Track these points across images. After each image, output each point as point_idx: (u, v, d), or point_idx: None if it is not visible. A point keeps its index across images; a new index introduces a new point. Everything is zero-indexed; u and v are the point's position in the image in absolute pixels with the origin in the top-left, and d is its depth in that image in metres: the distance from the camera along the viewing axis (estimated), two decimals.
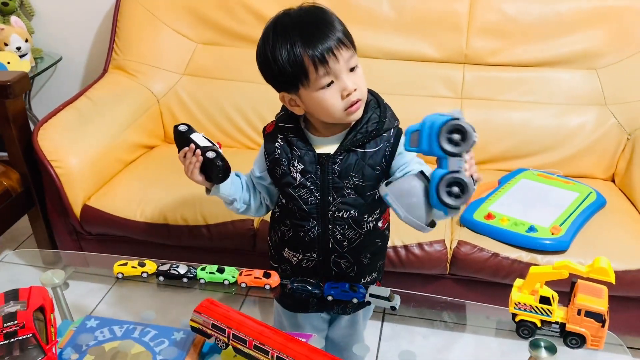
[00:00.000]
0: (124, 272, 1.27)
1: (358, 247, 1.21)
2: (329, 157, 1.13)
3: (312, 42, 1.02)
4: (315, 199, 1.16)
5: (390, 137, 1.14)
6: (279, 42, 1.05)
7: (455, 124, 0.91)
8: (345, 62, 1.05)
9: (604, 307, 1.00)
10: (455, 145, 0.92)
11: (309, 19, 1.06)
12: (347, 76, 1.05)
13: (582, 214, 1.68)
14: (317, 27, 1.04)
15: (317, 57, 1.02)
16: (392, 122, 1.15)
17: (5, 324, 0.98)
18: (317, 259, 1.23)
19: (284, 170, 1.16)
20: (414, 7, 2.06)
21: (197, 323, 1.04)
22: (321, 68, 1.03)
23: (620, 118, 1.95)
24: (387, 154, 1.14)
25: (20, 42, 2.34)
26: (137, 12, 2.21)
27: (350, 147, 1.13)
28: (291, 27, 1.05)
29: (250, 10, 2.14)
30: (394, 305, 1.18)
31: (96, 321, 1.12)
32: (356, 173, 1.14)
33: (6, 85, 1.78)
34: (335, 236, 1.20)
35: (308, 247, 1.22)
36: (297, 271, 1.26)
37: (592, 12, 1.98)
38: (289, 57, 1.04)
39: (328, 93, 1.05)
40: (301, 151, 1.14)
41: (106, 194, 1.88)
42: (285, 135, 1.16)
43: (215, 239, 1.76)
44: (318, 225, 1.19)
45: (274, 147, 1.17)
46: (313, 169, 1.14)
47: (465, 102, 2.05)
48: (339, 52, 1.03)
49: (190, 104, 2.18)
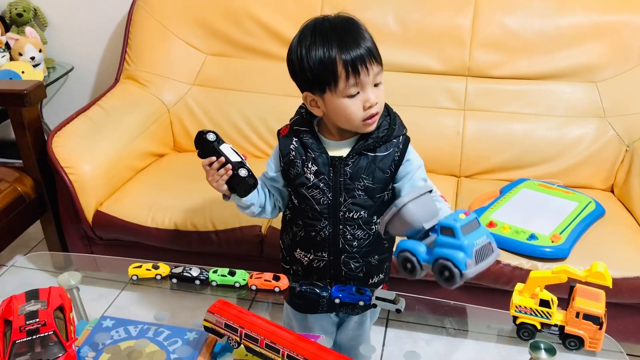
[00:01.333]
0: (138, 274, 1.31)
1: (367, 247, 1.26)
2: (341, 160, 1.19)
3: (349, 51, 1.08)
4: (327, 199, 1.21)
5: (400, 144, 1.19)
6: (317, 42, 1.09)
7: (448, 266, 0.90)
8: (374, 76, 1.11)
9: (601, 310, 1.04)
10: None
11: (348, 28, 1.11)
12: (372, 90, 1.11)
13: (582, 222, 1.72)
14: (354, 38, 1.09)
15: (351, 66, 1.08)
16: (400, 130, 1.21)
17: (27, 321, 1.02)
18: (327, 259, 1.27)
19: (298, 171, 1.21)
20: (418, 22, 2.11)
21: (210, 323, 1.09)
22: (352, 78, 1.09)
23: (619, 130, 1.99)
24: (396, 158, 1.19)
25: (34, 52, 2.40)
26: (149, 24, 2.27)
27: (361, 151, 1.18)
28: (330, 31, 1.10)
29: (258, 23, 2.20)
30: (399, 308, 1.22)
31: (112, 321, 1.16)
32: (367, 175, 1.19)
33: (23, 93, 1.83)
34: (346, 236, 1.24)
35: (319, 246, 1.27)
36: (309, 271, 1.31)
37: (592, 26, 2.02)
38: (323, 58, 1.09)
39: (352, 102, 1.11)
40: (315, 153, 1.19)
41: (118, 200, 1.92)
42: (300, 138, 1.21)
43: (224, 245, 1.80)
44: (329, 225, 1.23)
45: (289, 149, 1.22)
46: (326, 170, 1.19)
47: (467, 114, 2.09)
48: (371, 66, 1.09)
49: (199, 113, 2.23)
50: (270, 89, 2.19)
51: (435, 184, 1.96)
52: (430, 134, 2.07)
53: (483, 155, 2.07)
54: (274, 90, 2.18)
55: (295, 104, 1.29)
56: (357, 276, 1.29)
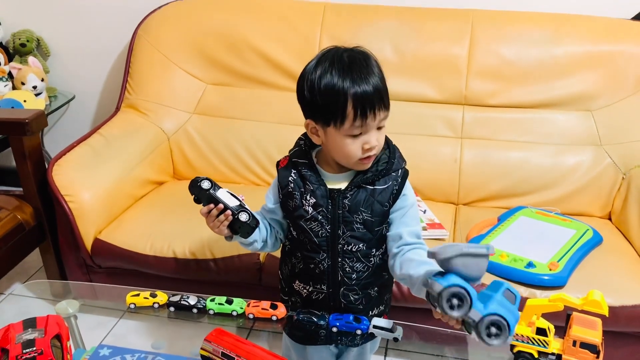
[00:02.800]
0: (136, 302, 1.31)
1: (366, 280, 1.26)
2: (340, 192, 1.19)
3: (362, 93, 1.07)
4: (326, 232, 1.21)
5: (398, 177, 1.20)
6: (332, 72, 1.08)
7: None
8: (380, 121, 1.11)
9: (598, 339, 1.04)
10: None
11: (362, 66, 1.09)
12: (374, 132, 1.12)
13: (579, 250, 1.72)
14: (368, 79, 1.08)
15: (360, 108, 1.07)
16: (400, 163, 1.21)
17: (24, 350, 1.02)
18: (326, 291, 1.27)
19: (297, 203, 1.21)
20: (415, 51, 2.14)
21: (207, 351, 1.09)
22: (359, 120, 1.08)
23: (615, 158, 2.01)
24: (394, 191, 1.19)
25: (36, 82, 2.43)
26: (150, 54, 2.30)
27: (360, 184, 1.18)
28: (348, 64, 1.09)
29: (258, 53, 2.23)
30: (396, 337, 1.21)
31: (109, 349, 1.16)
32: (365, 208, 1.19)
33: (24, 122, 1.85)
34: (345, 269, 1.24)
35: (318, 279, 1.26)
36: (308, 303, 1.30)
37: (587, 56, 2.06)
38: (334, 89, 1.08)
39: (352, 142, 1.12)
40: (313, 185, 1.19)
41: (117, 228, 1.93)
42: (299, 170, 1.21)
43: (223, 273, 1.80)
44: (328, 258, 1.23)
45: (287, 181, 1.22)
46: (324, 202, 1.19)
47: (465, 142, 2.11)
48: (379, 113, 1.10)
49: (199, 141, 2.25)
50: (270, 118, 2.21)
51: (433, 211, 1.99)
52: (428, 162, 2.09)
53: (481, 183, 2.08)
54: (273, 119, 2.21)
55: (295, 133, 1.30)
56: (356, 308, 1.28)
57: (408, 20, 2.16)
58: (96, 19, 2.57)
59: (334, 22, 2.20)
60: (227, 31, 2.25)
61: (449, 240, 1.86)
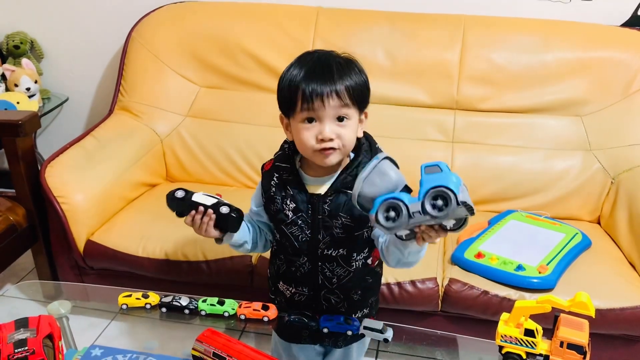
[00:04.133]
0: (128, 303, 1.32)
1: (347, 283, 1.26)
2: (319, 197, 1.19)
3: (310, 80, 1.10)
4: (306, 236, 1.21)
5: None
6: (292, 68, 1.13)
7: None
8: (332, 109, 1.10)
9: (585, 340, 1.06)
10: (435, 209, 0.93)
11: (324, 62, 1.13)
12: (330, 123, 1.11)
13: (569, 254, 1.74)
14: (323, 71, 1.11)
15: (306, 93, 1.09)
16: None
17: (16, 349, 1.02)
18: (307, 294, 1.28)
19: (278, 207, 1.22)
20: (407, 56, 2.16)
21: (198, 352, 1.09)
22: (304, 104, 1.10)
23: (604, 163, 2.03)
24: None
25: (30, 84, 2.43)
26: (143, 57, 2.31)
27: (340, 188, 1.18)
28: (308, 61, 1.13)
29: (251, 57, 2.24)
30: (386, 338, 1.23)
31: (100, 350, 1.16)
32: (345, 213, 1.18)
33: (17, 124, 1.85)
34: (325, 273, 1.24)
35: (299, 281, 1.27)
36: (291, 304, 1.31)
37: (576, 62, 2.08)
38: (290, 83, 1.12)
39: (306, 130, 1.12)
40: (294, 190, 1.20)
41: (109, 229, 1.93)
42: (280, 175, 1.22)
43: (215, 275, 1.81)
44: (308, 262, 1.24)
45: (269, 185, 1.23)
46: (304, 207, 1.19)
47: (456, 146, 2.13)
48: (328, 99, 1.09)
49: (192, 144, 2.26)
50: (262, 121, 2.22)
51: None
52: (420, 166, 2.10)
53: (471, 186, 2.05)
54: (266, 122, 2.21)
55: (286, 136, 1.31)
56: (338, 311, 1.29)
57: (400, 26, 2.18)
58: (90, 22, 2.57)
59: (327, 27, 2.21)
60: (221, 34, 2.26)
61: (440, 243, 1.87)
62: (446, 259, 1.80)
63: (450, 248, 1.84)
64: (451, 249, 1.82)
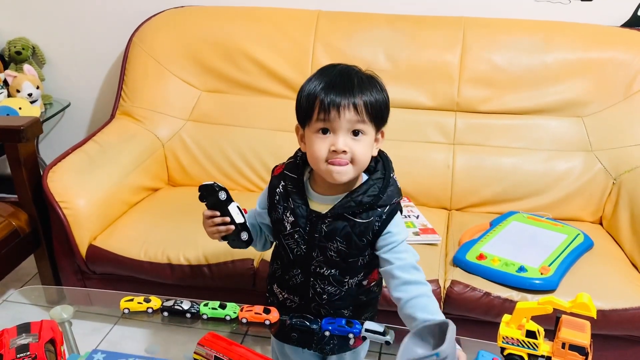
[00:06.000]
0: (130, 307, 1.32)
1: (337, 301, 1.26)
2: (319, 217, 1.17)
3: (329, 91, 1.08)
4: (301, 251, 1.21)
5: (383, 214, 1.15)
6: (313, 80, 1.12)
7: None
8: (348, 122, 1.08)
9: (587, 341, 1.05)
10: None
11: (345, 75, 1.10)
12: (344, 136, 1.08)
13: (570, 255, 1.74)
14: (343, 83, 1.09)
15: (324, 103, 1.07)
16: (390, 199, 1.15)
17: (18, 355, 1.03)
18: (298, 303, 1.29)
19: (279, 216, 1.21)
20: (408, 58, 2.16)
21: (200, 355, 1.09)
22: (321, 114, 1.08)
23: (605, 163, 2.03)
24: (375, 228, 1.15)
25: (31, 89, 2.44)
26: (145, 61, 2.32)
27: (341, 213, 1.15)
28: (329, 73, 1.11)
29: (252, 61, 2.25)
30: (388, 340, 1.22)
31: (103, 354, 1.16)
32: (342, 239, 1.16)
33: (19, 129, 1.86)
34: (316, 288, 1.24)
35: (292, 290, 1.28)
36: (281, 308, 1.31)
37: (577, 63, 2.08)
38: (309, 93, 1.10)
39: (319, 140, 1.10)
40: (295, 203, 1.18)
41: (111, 234, 1.93)
42: (286, 184, 1.20)
43: (216, 278, 1.81)
44: (301, 275, 1.24)
45: (274, 192, 1.22)
46: (303, 223, 1.18)
47: (457, 148, 2.13)
48: (344, 111, 1.07)
49: (193, 148, 2.26)
50: (263, 125, 2.23)
51: (426, 217, 2.01)
52: (421, 168, 2.10)
53: (473, 188, 2.10)
54: (267, 126, 2.22)
55: (288, 140, 1.31)
56: None
57: (401, 28, 2.19)
58: (91, 27, 2.58)
59: (328, 30, 2.22)
60: (222, 39, 2.27)
61: (441, 245, 1.87)
62: (448, 261, 1.80)
63: (452, 250, 1.84)
64: (453, 250, 1.82)
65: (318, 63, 2.19)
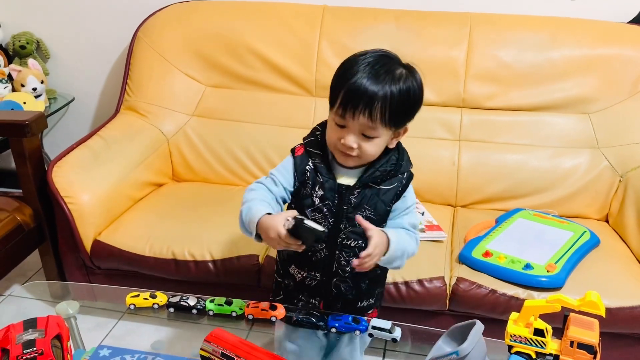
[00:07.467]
0: (136, 303, 1.32)
1: (359, 273, 1.28)
2: (348, 188, 1.22)
3: (353, 87, 1.11)
4: (329, 224, 1.23)
5: (403, 179, 1.24)
6: (348, 64, 1.15)
7: None
8: (360, 126, 1.13)
9: (595, 339, 1.05)
10: None
11: (376, 71, 1.12)
12: (355, 134, 1.14)
13: (577, 252, 1.73)
14: (370, 81, 1.11)
15: (344, 100, 1.12)
16: (407, 166, 1.25)
17: (25, 350, 1.02)
18: (319, 279, 1.30)
19: (308, 192, 1.24)
20: (413, 54, 2.08)
21: (207, 352, 1.09)
22: (339, 109, 1.13)
23: (612, 160, 2.02)
24: (398, 192, 1.24)
25: (36, 84, 2.43)
26: (149, 56, 2.31)
27: (368, 183, 1.21)
28: (363, 62, 1.13)
29: (257, 56, 2.24)
30: (395, 337, 1.23)
31: (109, 350, 1.16)
32: (370, 206, 1.22)
33: (24, 124, 1.85)
34: (340, 261, 1.27)
35: (313, 267, 1.30)
36: (300, 288, 1.33)
37: (584, 60, 2.07)
38: (337, 80, 1.15)
39: (334, 128, 1.17)
40: (324, 178, 1.22)
41: (116, 229, 1.93)
42: (314, 161, 1.24)
43: (222, 274, 1.80)
44: (326, 249, 1.26)
45: (304, 169, 1.24)
46: (331, 196, 1.22)
47: (462, 144, 2.12)
48: (358, 116, 1.11)
49: (198, 143, 2.26)
50: (268, 120, 2.22)
51: (431, 213, 2.00)
52: (427, 165, 2.10)
53: (478, 185, 2.09)
54: (272, 121, 2.22)
55: (293, 135, 1.31)
56: (346, 298, 1.32)
57: (406, 24, 2.18)
58: (96, 21, 2.58)
59: (333, 25, 2.21)
60: (227, 34, 2.26)
61: (447, 241, 1.87)
62: (454, 258, 1.79)
63: (457, 247, 1.83)
64: (458, 247, 1.82)
65: (323, 58, 2.18)
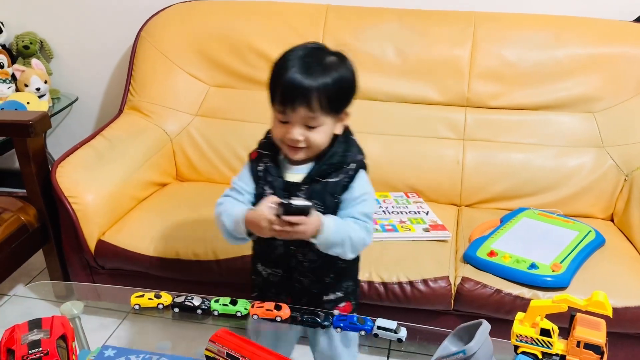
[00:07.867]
0: (140, 303, 1.32)
1: (319, 268, 1.31)
2: (295, 185, 1.25)
3: (288, 82, 1.15)
4: None
5: (350, 170, 1.25)
6: (281, 62, 1.19)
7: None
8: (302, 118, 1.16)
9: (602, 340, 1.04)
10: None
11: (307, 64, 1.16)
12: (299, 127, 1.17)
13: (582, 251, 1.73)
14: (303, 74, 1.15)
15: (282, 96, 1.16)
16: (354, 156, 1.26)
17: (30, 350, 1.02)
18: (282, 274, 1.34)
19: (261, 192, 1.27)
20: (417, 54, 2.15)
21: (212, 352, 1.09)
22: (279, 106, 1.18)
23: (617, 160, 2.01)
24: (344, 184, 1.25)
25: (39, 84, 2.43)
26: (153, 56, 2.31)
27: (315, 177, 1.24)
28: (294, 57, 1.17)
29: (260, 55, 2.23)
30: (400, 337, 1.22)
31: (113, 350, 1.16)
32: (318, 201, 1.23)
33: (28, 124, 1.85)
34: (297, 257, 1.30)
35: (274, 263, 1.34)
36: (267, 284, 1.38)
37: (588, 58, 2.06)
38: (273, 77, 1.19)
39: (279, 124, 1.21)
40: (272, 177, 1.26)
41: (120, 229, 1.93)
42: (265, 162, 1.28)
43: (225, 274, 1.80)
44: (282, 246, 1.29)
45: (257, 172, 1.29)
46: (280, 194, 1.24)
47: (467, 144, 2.11)
48: (298, 109, 1.15)
49: (201, 143, 2.26)
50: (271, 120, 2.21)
51: (436, 213, 1.99)
52: (431, 164, 2.09)
53: (483, 184, 2.09)
54: None
55: None
56: (310, 292, 1.35)
57: (410, 23, 2.17)
58: (99, 21, 2.58)
59: (337, 25, 2.21)
60: (230, 33, 2.26)
61: (451, 241, 1.86)
62: (458, 258, 1.79)
63: (462, 246, 1.83)
64: (463, 247, 1.81)
65: None
